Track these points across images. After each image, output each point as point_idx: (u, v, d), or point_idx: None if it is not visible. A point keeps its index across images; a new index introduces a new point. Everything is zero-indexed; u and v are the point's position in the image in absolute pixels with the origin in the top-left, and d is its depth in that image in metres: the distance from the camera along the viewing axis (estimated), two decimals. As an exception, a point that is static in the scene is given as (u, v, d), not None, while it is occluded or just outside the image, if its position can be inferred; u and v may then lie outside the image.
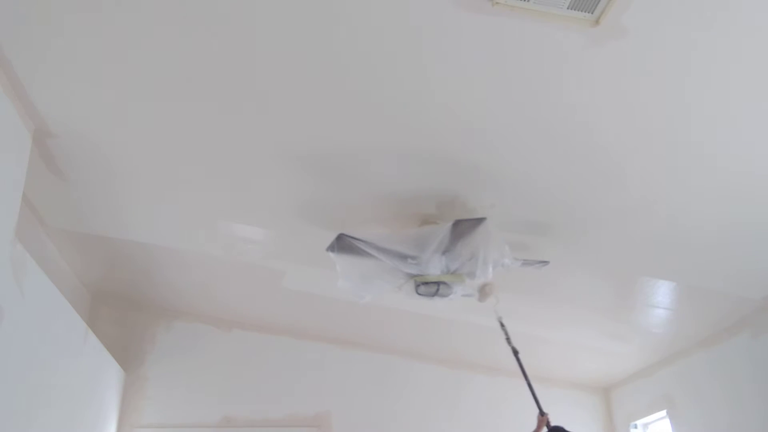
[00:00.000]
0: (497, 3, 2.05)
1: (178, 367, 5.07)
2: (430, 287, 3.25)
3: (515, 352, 3.78)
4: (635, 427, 5.10)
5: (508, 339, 3.77)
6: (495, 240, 3.11)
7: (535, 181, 3.02)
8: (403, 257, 3.14)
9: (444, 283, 3.23)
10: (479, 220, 3.09)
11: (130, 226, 3.93)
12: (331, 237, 3.21)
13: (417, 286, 3.27)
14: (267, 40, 2.35)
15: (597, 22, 2.10)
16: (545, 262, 3.45)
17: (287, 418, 5.03)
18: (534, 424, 3.72)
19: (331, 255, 3.26)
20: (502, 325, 3.77)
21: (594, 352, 4.94)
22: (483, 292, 3.65)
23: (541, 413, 3.70)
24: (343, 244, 3.19)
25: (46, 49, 2.50)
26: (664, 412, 4.74)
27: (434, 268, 3.18)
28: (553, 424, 3.71)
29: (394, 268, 3.23)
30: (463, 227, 3.09)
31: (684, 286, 3.77)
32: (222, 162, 3.16)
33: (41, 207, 3.79)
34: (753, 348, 3.92)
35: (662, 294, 3.91)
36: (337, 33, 2.30)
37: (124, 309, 5.16)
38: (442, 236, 3.08)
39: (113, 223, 3.92)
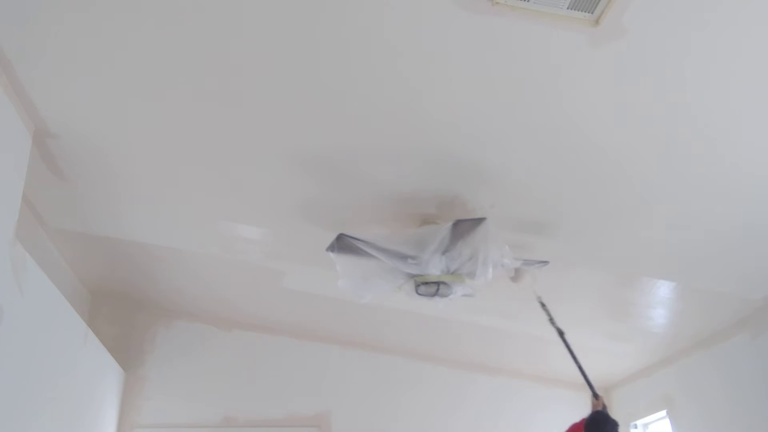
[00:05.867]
0: (497, 3, 2.05)
1: (178, 367, 5.07)
2: (430, 287, 3.25)
3: (560, 333, 3.64)
4: (635, 427, 5.09)
5: (551, 320, 3.64)
6: (495, 240, 3.11)
7: (535, 181, 3.02)
8: (403, 257, 3.14)
9: (444, 283, 3.22)
10: (479, 220, 3.09)
11: (131, 225, 3.93)
12: (331, 237, 3.21)
13: (417, 286, 3.26)
14: (267, 40, 2.35)
15: (597, 22, 2.09)
16: (545, 262, 3.45)
17: (287, 418, 5.03)
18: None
19: (331, 255, 3.26)
20: (542, 305, 3.66)
21: (594, 352, 4.92)
22: (518, 272, 3.58)
23: (596, 396, 3.57)
24: (343, 244, 3.19)
25: (46, 49, 2.50)
26: (664, 412, 4.74)
27: (434, 268, 3.18)
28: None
29: (394, 268, 3.22)
30: (463, 227, 3.09)
31: (684, 286, 3.77)
32: (222, 161, 3.16)
33: (41, 207, 3.79)
34: (753, 348, 3.91)
35: (662, 294, 3.91)
36: (337, 34, 2.30)
37: (124, 309, 5.17)
38: (442, 236, 3.08)
39: (113, 223, 3.92)
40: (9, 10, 2.30)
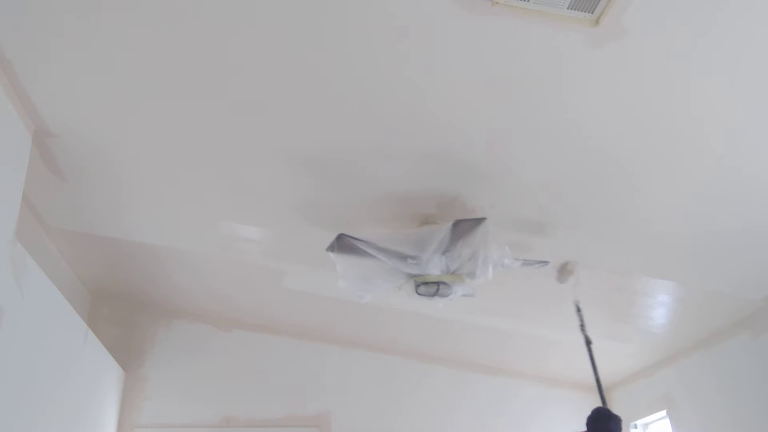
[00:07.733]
0: (497, 3, 2.05)
1: (178, 367, 5.07)
2: (430, 287, 3.25)
3: (588, 342, 3.64)
4: (635, 427, 5.09)
5: (582, 326, 3.64)
6: (495, 240, 3.11)
7: (535, 182, 3.03)
8: (403, 257, 3.14)
9: (444, 283, 3.23)
10: (479, 220, 3.09)
11: (131, 225, 3.93)
12: (331, 237, 3.21)
13: (417, 286, 3.27)
14: (267, 40, 2.35)
15: (597, 22, 2.10)
16: (545, 262, 3.45)
17: (287, 418, 5.03)
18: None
19: (331, 255, 3.26)
20: (578, 310, 3.66)
21: (594, 352, 4.93)
22: (565, 270, 3.57)
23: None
24: (343, 244, 3.19)
25: (46, 49, 2.50)
26: (664, 412, 4.74)
27: (434, 268, 3.18)
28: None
29: (394, 268, 3.23)
30: (463, 227, 3.09)
31: (684, 286, 3.77)
32: (222, 161, 3.16)
33: (41, 207, 3.79)
34: (753, 348, 3.91)
35: (662, 294, 3.91)
36: (337, 34, 2.30)
37: (124, 309, 5.17)
38: (442, 236, 3.08)
39: (113, 223, 3.92)
40: (9, 10, 2.30)
